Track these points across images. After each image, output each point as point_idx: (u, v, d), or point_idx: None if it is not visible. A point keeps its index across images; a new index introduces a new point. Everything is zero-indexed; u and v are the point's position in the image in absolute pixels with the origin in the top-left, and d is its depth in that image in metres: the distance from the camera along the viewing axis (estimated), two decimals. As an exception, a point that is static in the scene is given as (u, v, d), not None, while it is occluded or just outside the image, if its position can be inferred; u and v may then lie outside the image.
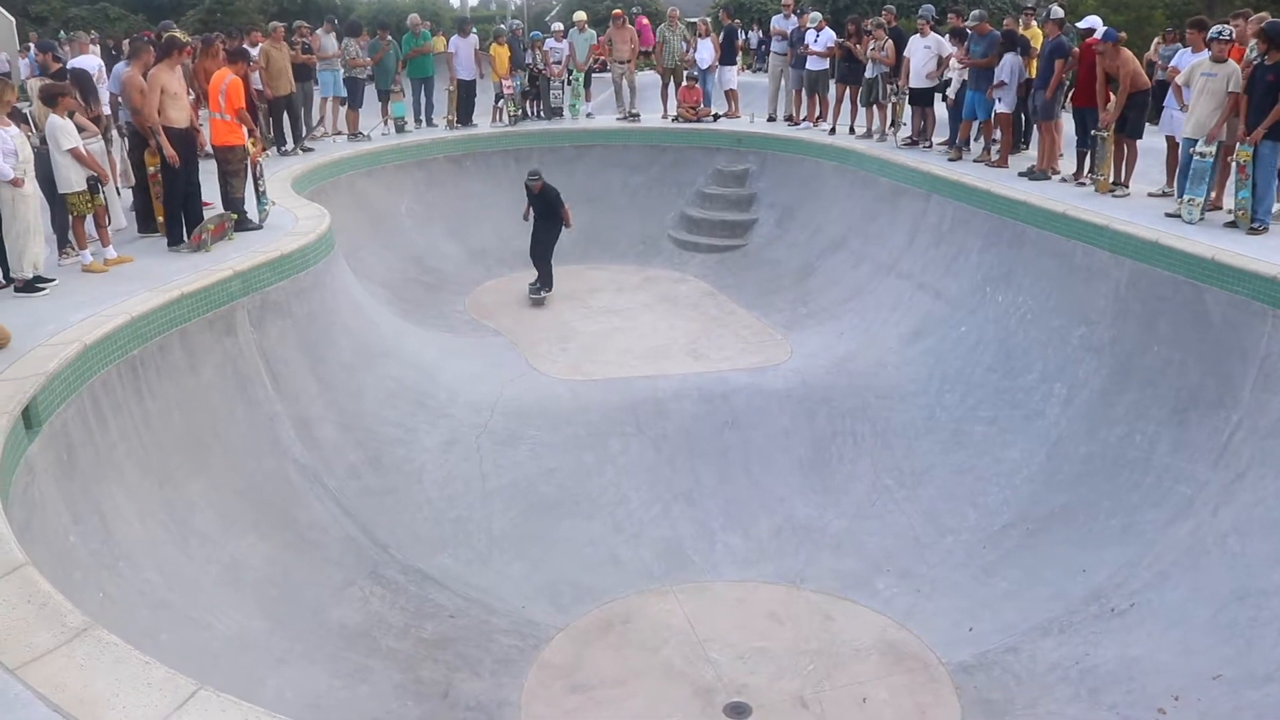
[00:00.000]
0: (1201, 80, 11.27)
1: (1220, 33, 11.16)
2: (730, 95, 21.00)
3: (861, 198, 16.20)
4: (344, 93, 18.36)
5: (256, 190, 11.74)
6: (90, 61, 13.83)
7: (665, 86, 21.02)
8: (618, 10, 21.78)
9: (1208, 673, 7.41)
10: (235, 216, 11.14)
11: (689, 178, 19.02)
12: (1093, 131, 13.19)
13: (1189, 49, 12.88)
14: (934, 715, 7.76)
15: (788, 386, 12.18)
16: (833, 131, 18.52)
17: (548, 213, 15.31)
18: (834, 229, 16.45)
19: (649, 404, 11.80)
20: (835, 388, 12.15)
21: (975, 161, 15.19)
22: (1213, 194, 11.60)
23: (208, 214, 10.95)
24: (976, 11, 15.53)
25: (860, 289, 14.71)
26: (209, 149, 11.97)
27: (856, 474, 11.01)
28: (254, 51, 15.96)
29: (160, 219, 10.83)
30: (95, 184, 9.73)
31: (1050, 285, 11.80)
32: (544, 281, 15.61)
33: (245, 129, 11.46)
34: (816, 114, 19.33)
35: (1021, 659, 8.21)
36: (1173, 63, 13.61)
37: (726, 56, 20.98)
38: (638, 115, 20.53)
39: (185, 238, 10.54)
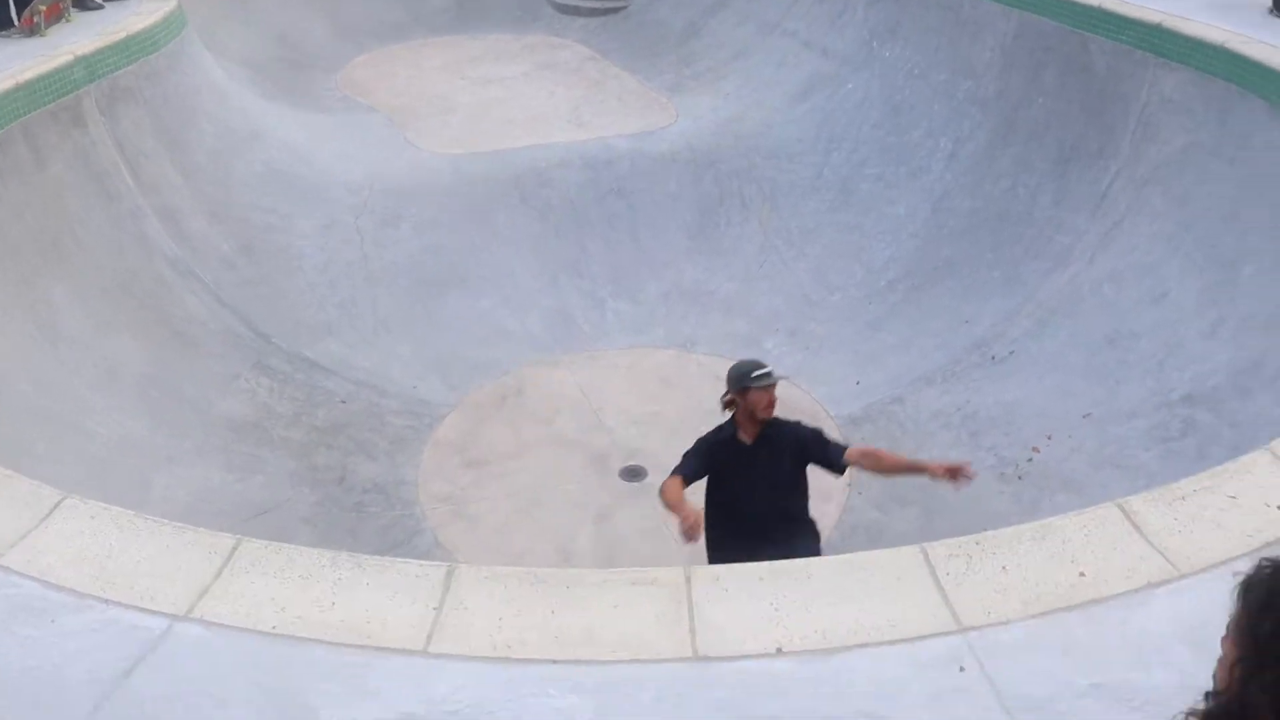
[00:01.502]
0: None
1: None
2: None
3: (746, -47, 15.58)
4: None
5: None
6: None
7: None
8: None
9: (1079, 413, 7.73)
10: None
11: (566, -64, 18.06)
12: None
13: None
14: (822, 467, 7.98)
15: (673, 150, 11.92)
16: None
17: None
18: (718, -14, 15.87)
19: (532, 175, 11.46)
20: (721, 150, 11.92)
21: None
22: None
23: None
24: None
25: (746, 48, 14.29)
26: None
27: (745, 235, 10.96)
28: None
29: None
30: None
31: (937, 39, 11.58)
32: None
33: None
34: None
35: (907, 408, 8.45)
36: None
37: None
38: None
39: (15, 20, 9.63)
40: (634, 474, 7.97)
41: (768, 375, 5.17)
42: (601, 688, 3.06)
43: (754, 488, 5.19)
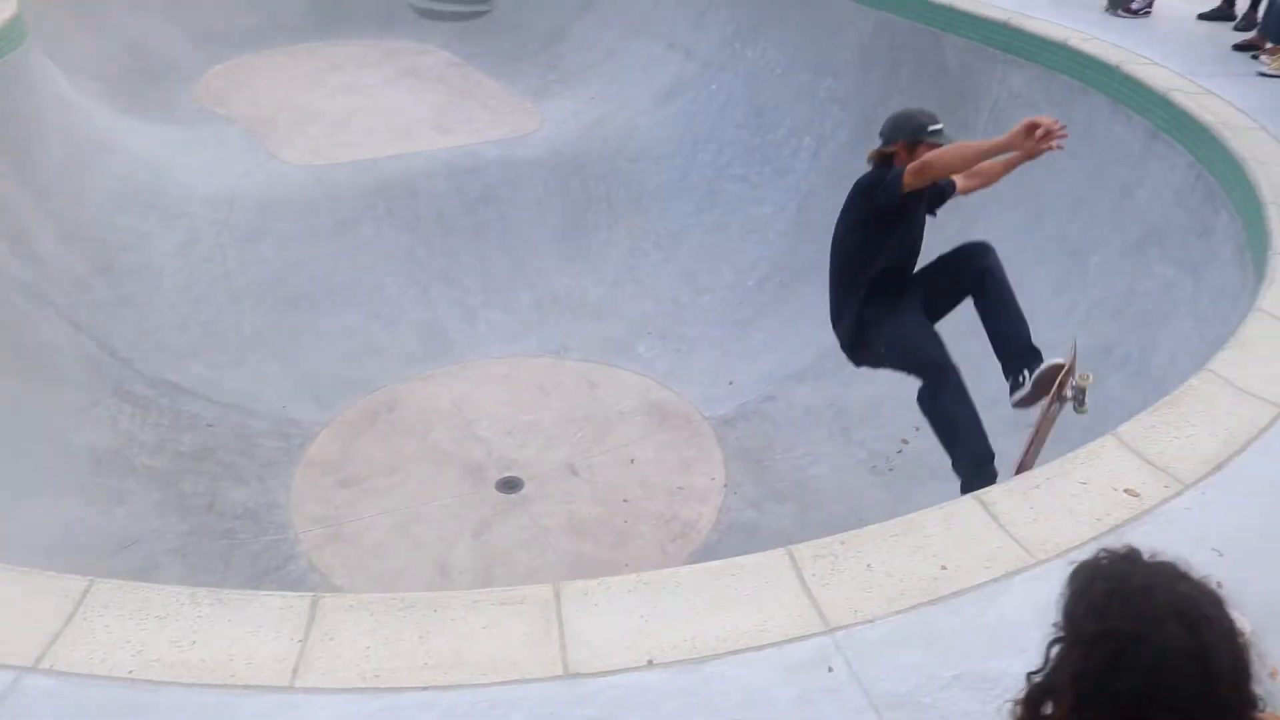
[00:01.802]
0: None
1: None
2: None
3: (609, -45, 15.61)
4: None
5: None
6: None
7: None
8: None
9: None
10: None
11: (427, -62, 17.84)
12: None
13: None
14: (699, 469, 8.06)
15: (539, 155, 11.87)
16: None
17: None
18: (582, -11, 15.86)
19: (398, 185, 11.27)
20: (588, 154, 11.92)
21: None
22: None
23: None
24: None
25: (611, 51, 14.31)
26: None
27: (613, 240, 10.98)
28: None
29: None
30: None
31: (798, 38, 11.76)
32: None
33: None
34: None
35: (779, 406, 8.57)
36: None
37: None
38: None
39: None
40: (511, 485, 7.92)
41: (941, 131, 5.05)
42: (472, 712, 3.02)
43: (910, 241, 5.33)
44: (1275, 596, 3.27)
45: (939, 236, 5.83)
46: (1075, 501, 3.79)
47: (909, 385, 8.28)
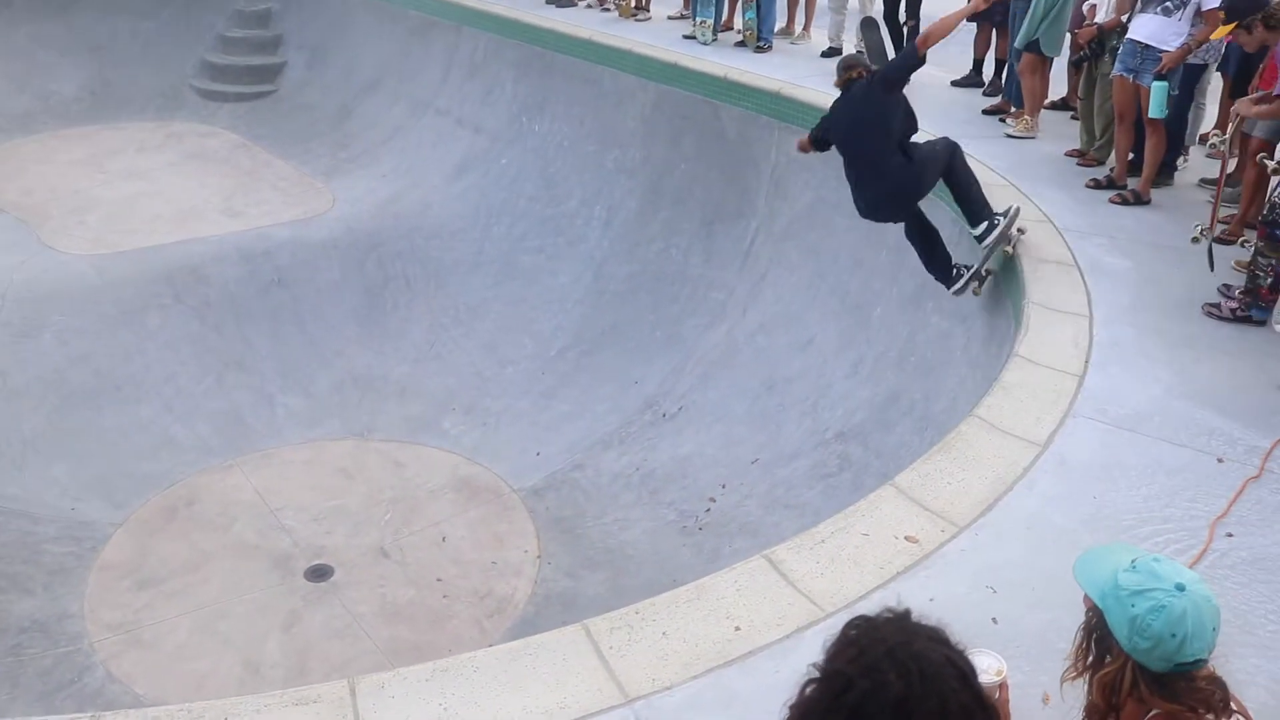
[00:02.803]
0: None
1: None
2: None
3: (393, 33, 15.61)
4: None
5: None
6: None
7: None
8: None
9: (747, 459, 8.17)
10: None
11: (208, 21, 17.43)
12: (610, -44, 13.45)
13: None
14: (512, 542, 8.05)
15: (333, 236, 11.74)
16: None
17: None
18: (368, 68, 15.79)
19: (186, 271, 10.95)
20: (382, 232, 11.87)
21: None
22: (724, 16, 12.25)
23: None
24: None
25: (400, 128, 14.33)
26: None
27: (412, 317, 10.94)
28: None
29: None
30: None
31: (583, 111, 12.05)
32: None
33: None
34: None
35: (587, 474, 8.66)
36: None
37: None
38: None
39: None
40: (320, 573, 7.73)
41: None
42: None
43: None
44: (1045, 627, 3.51)
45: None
46: (859, 552, 3.99)
47: (711, 442, 8.56)
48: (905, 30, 10.49)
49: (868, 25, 10.55)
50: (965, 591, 3.81)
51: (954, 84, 10.62)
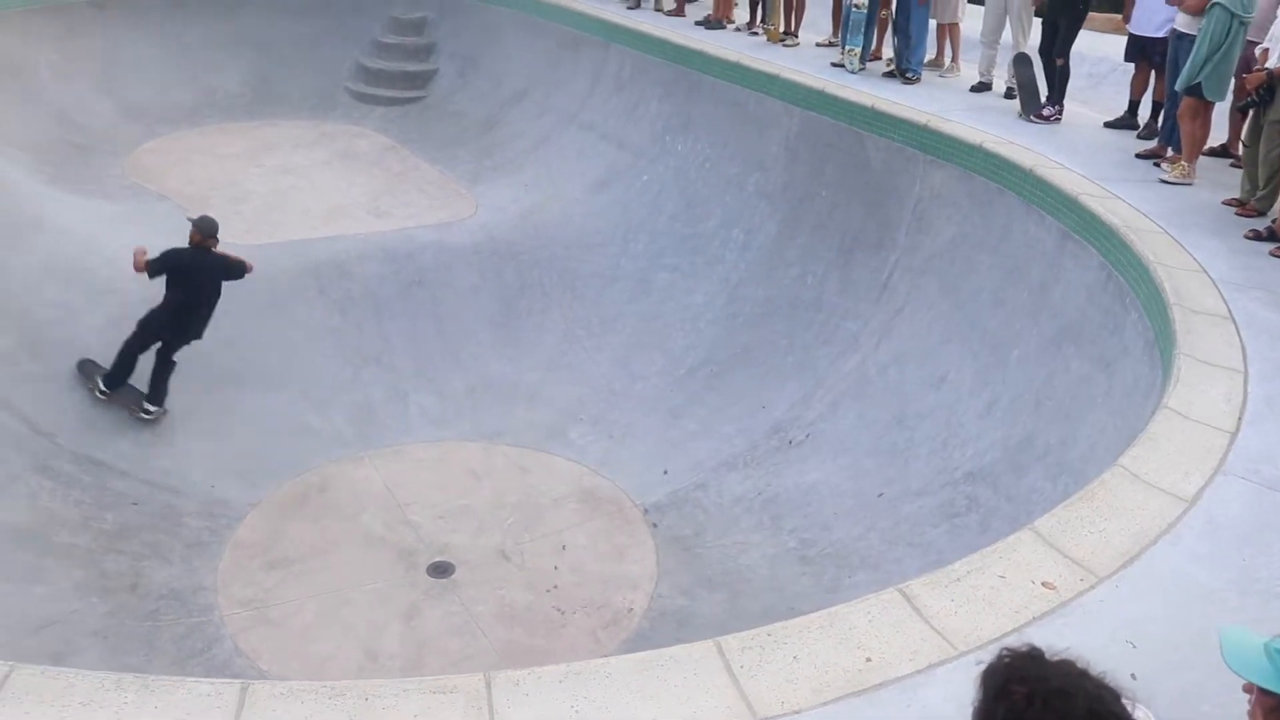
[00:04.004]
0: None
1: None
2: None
3: (543, 47, 15.92)
4: None
5: None
6: None
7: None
8: None
9: (873, 492, 8.07)
10: None
11: (364, 26, 18.02)
12: (762, -20, 13.50)
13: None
14: (631, 555, 8.09)
15: (475, 241, 12.01)
16: (511, -23, 17.98)
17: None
18: (516, 79, 16.14)
19: (332, 266, 11.32)
20: (522, 241, 12.09)
21: (654, 10, 15.21)
22: (873, 45, 12.19)
23: None
24: None
25: (544, 140, 14.58)
26: None
27: (547, 326, 11.09)
28: None
29: None
30: None
31: (727, 133, 12.10)
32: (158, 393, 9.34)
33: None
34: (494, -42, 18.70)
35: (710, 494, 8.65)
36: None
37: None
38: (303, -43, 19.19)
39: None
40: (441, 570, 7.88)
41: None
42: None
43: None
44: (1187, 689, 3.40)
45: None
46: (995, 594, 3.92)
47: (836, 472, 8.48)
48: (1057, 67, 10.28)
49: (1021, 61, 10.40)
50: (1103, 643, 3.71)
51: (1107, 125, 10.36)
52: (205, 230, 9.12)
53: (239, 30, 16.37)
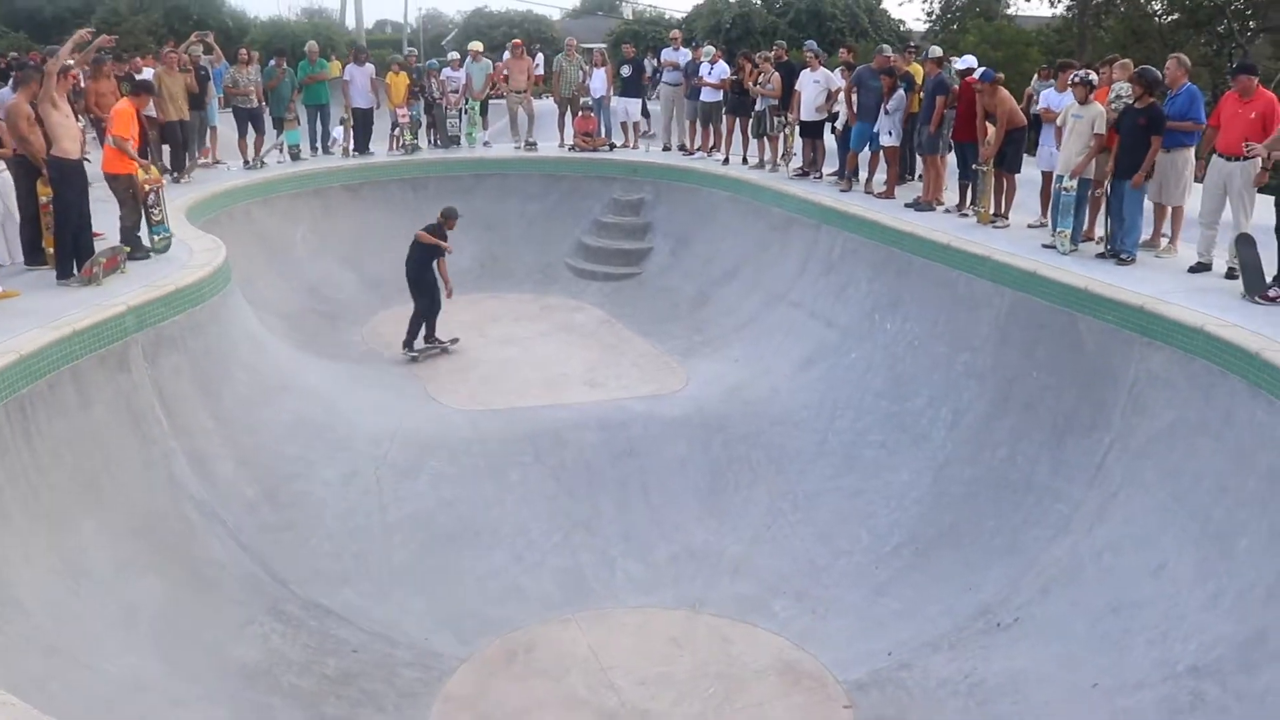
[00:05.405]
0: (1071, 121, 11.84)
1: (1080, 77, 11.80)
2: (633, 127, 21.39)
3: (754, 227, 16.55)
4: (215, 121, 18.53)
5: (149, 220, 11.56)
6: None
7: (562, 115, 21.11)
8: (517, 40, 22.11)
9: (1086, 682, 7.78)
10: (128, 250, 10.94)
11: (586, 206, 19.19)
12: (973, 165, 13.74)
13: (1055, 88, 13.55)
14: (831, 733, 8.01)
15: (684, 414, 12.41)
16: (726, 162, 18.77)
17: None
18: (728, 258, 16.77)
19: (548, 433, 11.90)
20: (730, 415, 12.41)
21: (864, 193, 15.62)
22: (1084, 226, 12.21)
23: (99, 245, 10.74)
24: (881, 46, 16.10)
25: (753, 317, 15.03)
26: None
27: (752, 499, 11.26)
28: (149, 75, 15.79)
29: (50, 250, 10.62)
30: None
31: (935, 313, 12.24)
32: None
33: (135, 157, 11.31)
34: (710, 144, 19.62)
35: (914, 675, 8.50)
36: (1040, 100, 14.19)
37: (631, 89, 21.48)
38: (535, 144, 20.60)
39: (75, 270, 10.31)
40: (643, 735, 7.99)
41: None
42: None
43: None
44: None
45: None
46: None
47: (1047, 659, 8.21)
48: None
49: (1243, 241, 10.20)
50: None
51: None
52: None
53: (473, 209, 17.61)
